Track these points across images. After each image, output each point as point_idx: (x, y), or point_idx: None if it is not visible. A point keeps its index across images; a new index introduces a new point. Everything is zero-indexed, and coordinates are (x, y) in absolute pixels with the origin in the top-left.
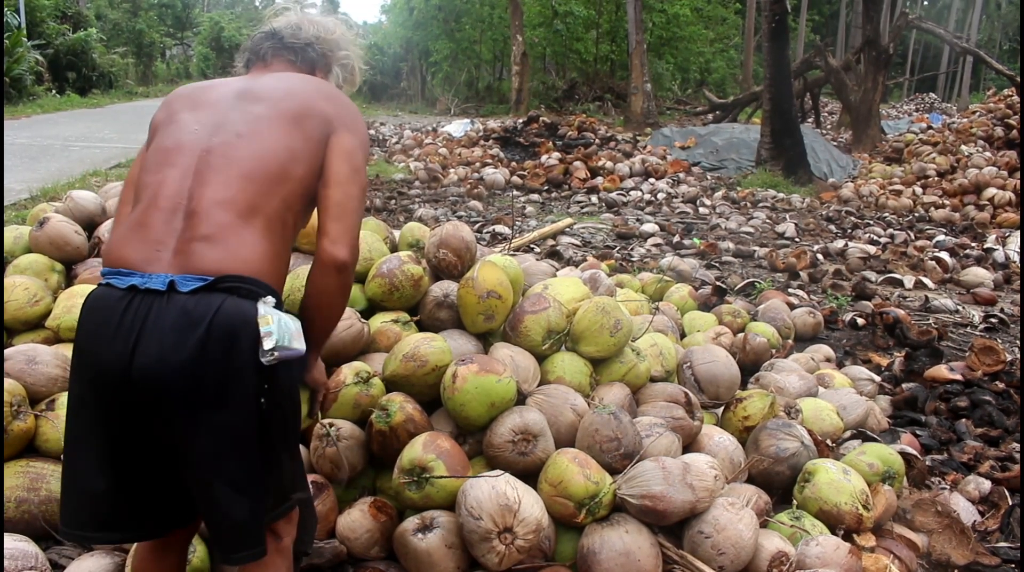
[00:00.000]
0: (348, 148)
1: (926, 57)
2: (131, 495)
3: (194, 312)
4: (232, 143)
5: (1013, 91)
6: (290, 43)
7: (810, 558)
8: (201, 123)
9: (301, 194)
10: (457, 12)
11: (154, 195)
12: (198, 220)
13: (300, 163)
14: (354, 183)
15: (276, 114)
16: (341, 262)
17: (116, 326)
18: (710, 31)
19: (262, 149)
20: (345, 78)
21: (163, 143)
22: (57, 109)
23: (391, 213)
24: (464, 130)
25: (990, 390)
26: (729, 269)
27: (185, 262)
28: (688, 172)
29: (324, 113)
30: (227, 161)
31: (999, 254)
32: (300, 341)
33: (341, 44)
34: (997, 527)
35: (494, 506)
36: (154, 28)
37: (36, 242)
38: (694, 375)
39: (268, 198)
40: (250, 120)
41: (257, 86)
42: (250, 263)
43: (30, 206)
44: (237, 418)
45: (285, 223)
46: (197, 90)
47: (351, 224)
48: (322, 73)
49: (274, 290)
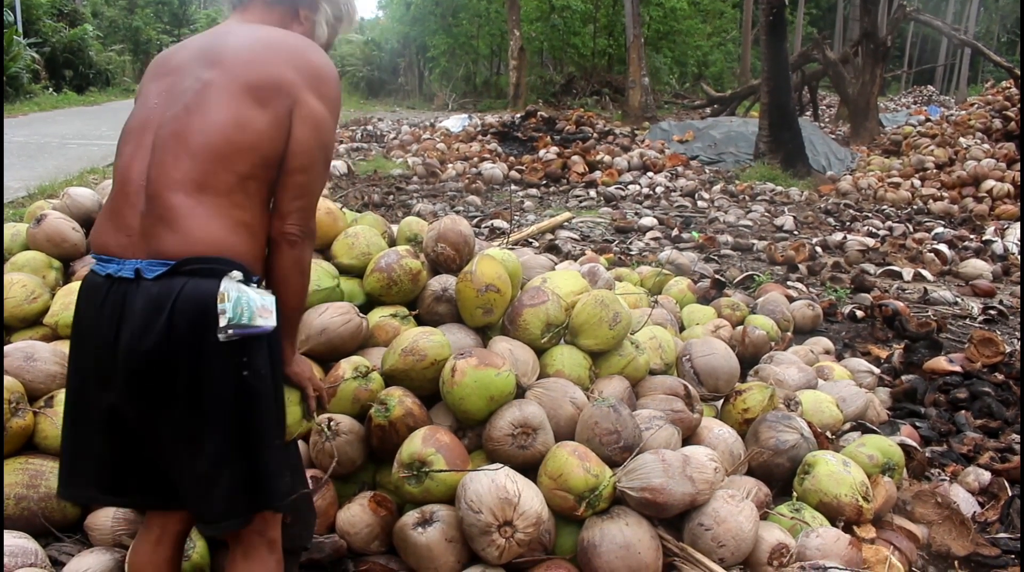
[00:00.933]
0: (313, 120)
1: (924, 50)
2: (132, 463)
3: (158, 298)
4: (180, 118)
5: (1011, 83)
6: None
7: (810, 550)
8: (159, 94)
9: (261, 164)
10: (454, 7)
11: (122, 179)
12: (156, 203)
13: (250, 132)
14: (318, 162)
15: (228, 82)
16: (292, 237)
17: (99, 312)
18: (707, 25)
19: (206, 123)
20: (336, 16)
21: (129, 121)
22: (54, 107)
23: (389, 208)
24: (462, 125)
25: (989, 381)
26: (728, 262)
27: (150, 247)
28: (686, 166)
29: (282, 79)
30: (176, 138)
31: (998, 246)
32: (266, 318)
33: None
34: (997, 518)
35: (494, 500)
36: (151, 25)
37: (34, 239)
38: (693, 368)
39: (219, 173)
40: (199, 90)
41: (219, 46)
42: (209, 242)
43: (27, 204)
44: (213, 396)
45: (247, 193)
46: (169, 53)
47: (307, 203)
48: (305, 11)
49: (240, 263)
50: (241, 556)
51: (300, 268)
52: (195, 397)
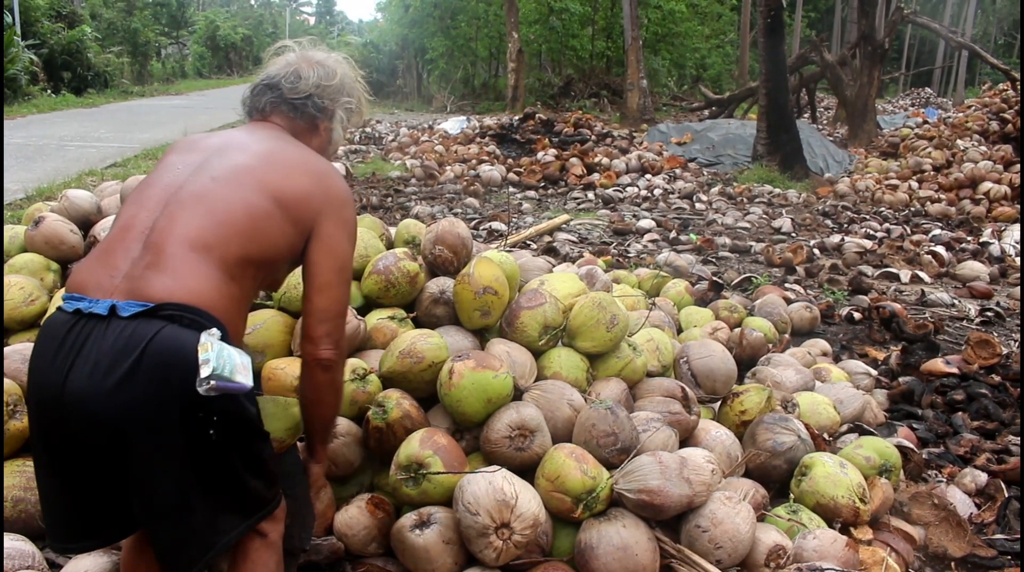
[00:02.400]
0: (333, 242)
1: (921, 52)
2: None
3: (131, 338)
4: (206, 185)
5: (1008, 85)
6: (289, 97)
7: (807, 551)
8: (185, 164)
9: (269, 258)
10: (453, 9)
11: (123, 226)
12: (154, 250)
13: (272, 227)
14: (339, 285)
15: (257, 173)
16: (326, 362)
17: (56, 349)
18: (706, 27)
19: (233, 197)
20: (349, 119)
21: (146, 180)
22: (52, 109)
23: (387, 210)
24: (460, 127)
25: (986, 383)
26: (725, 264)
27: (132, 288)
28: (684, 168)
29: (307, 192)
30: (196, 200)
31: (995, 248)
32: (244, 376)
33: (343, 89)
34: (993, 519)
35: (491, 502)
36: (149, 27)
37: (32, 241)
38: (691, 370)
39: (228, 243)
40: (229, 167)
41: (255, 143)
42: (197, 294)
43: (26, 206)
44: (166, 445)
45: (244, 273)
46: (198, 137)
47: (335, 326)
48: (324, 123)
49: (221, 324)
50: (241, 557)
51: (335, 389)
52: (147, 445)
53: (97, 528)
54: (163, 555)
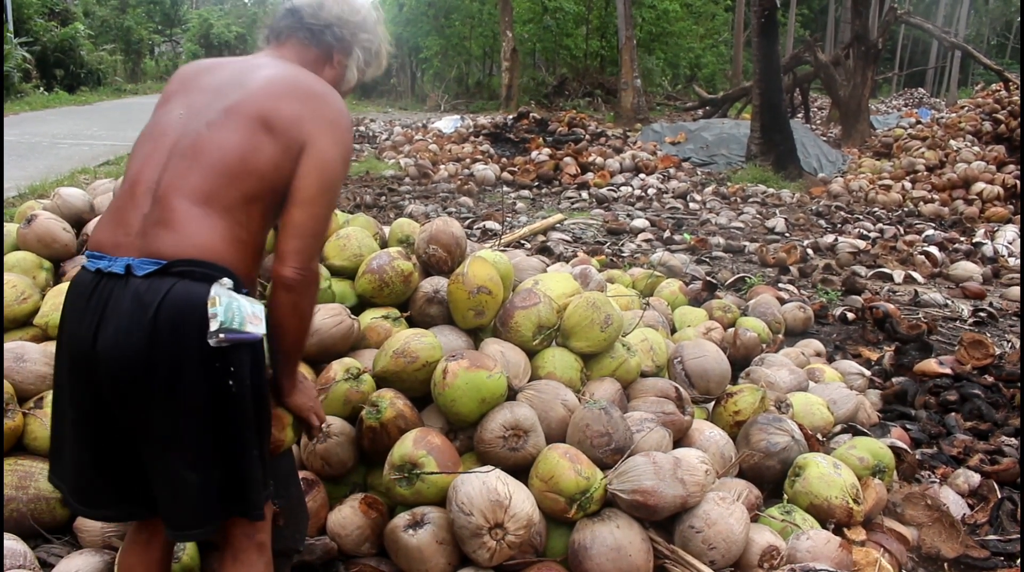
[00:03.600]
0: (321, 161)
1: (915, 52)
2: (109, 471)
3: (145, 296)
4: (201, 132)
5: (1001, 86)
6: (308, 23)
7: (801, 552)
8: (185, 107)
9: (268, 189)
10: (447, 8)
11: (132, 181)
12: (161, 206)
13: (263, 159)
14: (320, 203)
15: (250, 110)
16: (288, 280)
17: (84, 308)
18: (700, 27)
19: (225, 140)
20: (367, 61)
21: (149, 127)
22: (45, 106)
23: (381, 209)
24: (454, 126)
25: (979, 384)
26: (719, 264)
27: (145, 246)
28: (678, 167)
29: (297, 116)
30: (193, 150)
31: (988, 248)
32: (256, 325)
33: (365, 26)
34: (986, 520)
35: (485, 502)
36: (142, 25)
37: (24, 240)
38: (685, 370)
39: (226, 189)
40: (222, 110)
41: (250, 75)
42: (205, 247)
43: (18, 204)
44: (189, 400)
45: (250, 214)
46: (199, 70)
47: (305, 245)
48: (339, 55)
49: (232, 272)
50: (230, 559)
51: (298, 312)
52: (171, 400)
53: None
54: (171, 509)
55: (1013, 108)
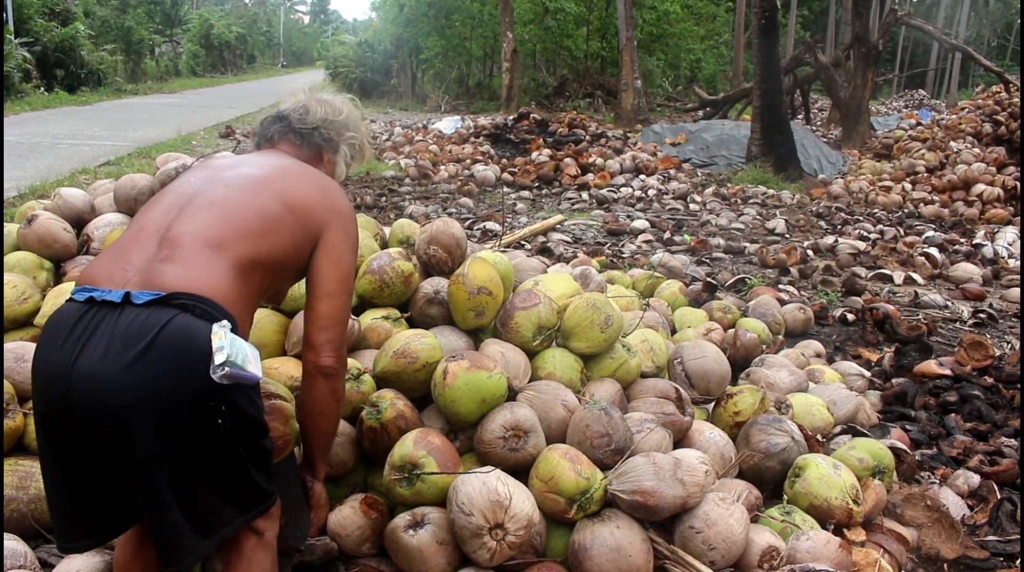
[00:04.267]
0: (338, 253)
1: (915, 53)
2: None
3: (144, 324)
4: (219, 191)
5: (1001, 88)
6: (297, 127)
7: (801, 552)
8: (199, 178)
9: (278, 259)
10: (447, 9)
11: (138, 228)
12: (168, 245)
13: (283, 230)
14: (341, 294)
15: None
16: (327, 370)
17: (67, 335)
18: (700, 28)
19: (246, 201)
20: (353, 155)
21: (161, 192)
22: (45, 106)
23: (381, 210)
24: (454, 127)
25: (979, 385)
26: (719, 265)
27: (146, 279)
28: (678, 168)
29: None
30: (210, 203)
31: (988, 250)
32: (255, 366)
33: (348, 124)
34: (986, 521)
35: (485, 502)
36: (143, 25)
37: (24, 240)
38: (685, 371)
39: (240, 242)
40: (242, 177)
41: (264, 161)
42: (210, 286)
43: (18, 204)
44: (174, 434)
45: (253, 274)
46: (209, 158)
47: (337, 334)
48: (329, 154)
49: (231, 316)
50: (236, 556)
51: (336, 397)
52: (155, 432)
53: (97, 523)
54: (160, 543)
55: (1013, 110)
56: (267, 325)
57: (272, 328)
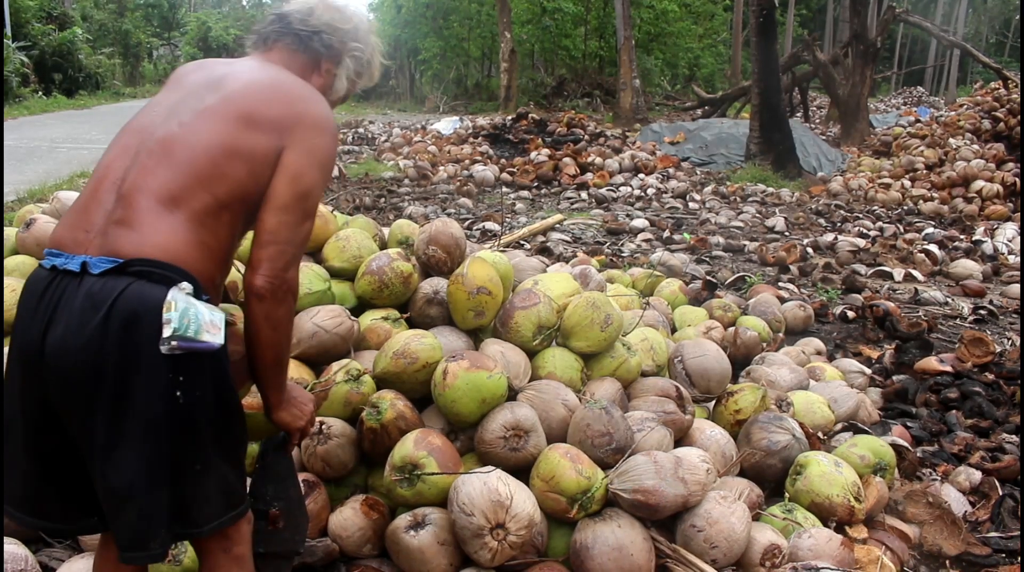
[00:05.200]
0: (299, 166)
1: (913, 51)
2: (56, 482)
3: (98, 295)
4: (173, 132)
5: (1000, 84)
6: (296, 28)
7: (803, 550)
8: (162, 106)
9: (240, 196)
10: (445, 9)
11: (99, 177)
12: (124, 204)
13: (239, 164)
14: (295, 210)
15: (224, 109)
16: (259, 289)
17: (35, 307)
18: (698, 27)
19: (197, 142)
20: (358, 71)
21: (127, 123)
22: (44, 110)
23: (380, 211)
24: (453, 128)
25: (980, 381)
26: (719, 263)
27: (104, 244)
28: (677, 167)
29: (278, 119)
30: (163, 149)
31: (988, 246)
32: (214, 334)
33: (356, 35)
34: (988, 517)
35: (486, 502)
36: (140, 29)
37: (23, 244)
38: (685, 369)
39: (194, 192)
40: (198, 110)
41: (230, 76)
42: (166, 250)
43: (17, 208)
44: (137, 410)
45: (219, 219)
46: (188, 69)
47: (279, 252)
48: (328, 64)
49: (193, 277)
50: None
51: (270, 323)
52: (116, 408)
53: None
54: (121, 529)
55: (1012, 106)
56: None
57: None
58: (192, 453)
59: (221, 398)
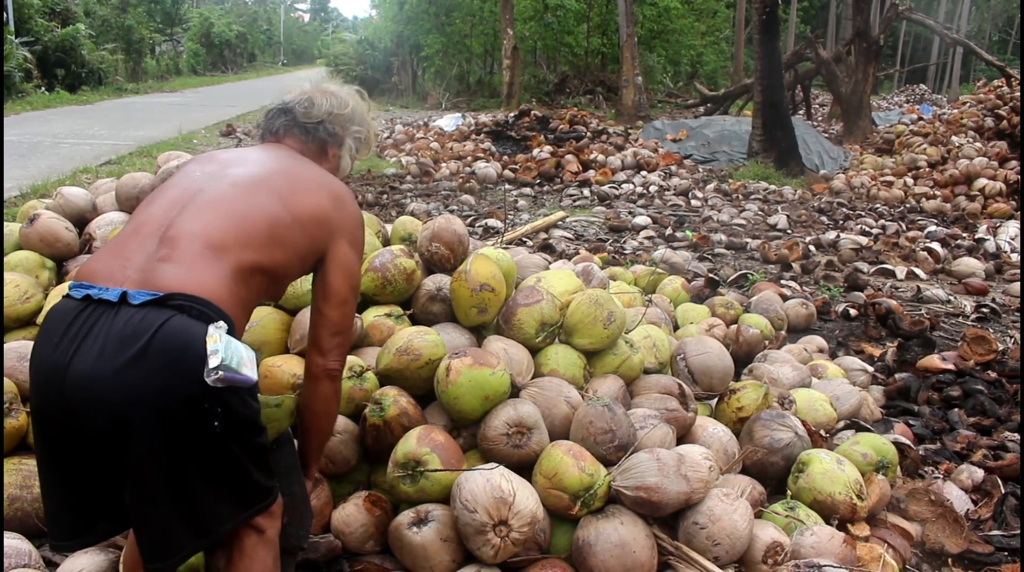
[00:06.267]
0: (349, 263)
1: (916, 48)
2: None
3: (139, 325)
4: (225, 190)
5: (1003, 82)
6: (302, 121)
7: (805, 548)
8: (203, 172)
9: (276, 270)
10: (447, 6)
11: (139, 223)
12: (170, 245)
13: (285, 249)
14: (351, 302)
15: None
16: (334, 373)
17: (63, 333)
18: (701, 24)
19: (253, 204)
20: (358, 148)
21: (164, 185)
22: (46, 106)
23: (383, 207)
24: (455, 124)
25: (982, 379)
26: (721, 261)
27: (145, 279)
28: (680, 165)
29: (324, 213)
30: (215, 202)
31: (990, 244)
32: (251, 369)
33: (354, 118)
34: (990, 515)
35: (489, 499)
36: (143, 24)
37: (26, 239)
38: (688, 367)
39: (244, 248)
40: (249, 176)
41: (273, 159)
42: (208, 288)
43: (20, 203)
44: (169, 435)
45: (253, 279)
46: (215, 152)
47: (346, 339)
48: (334, 149)
49: (229, 318)
50: (237, 554)
51: (339, 398)
52: (150, 435)
53: (90, 523)
54: (147, 542)
55: (1015, 104)
56: (269, 323)
57: (275, 326)
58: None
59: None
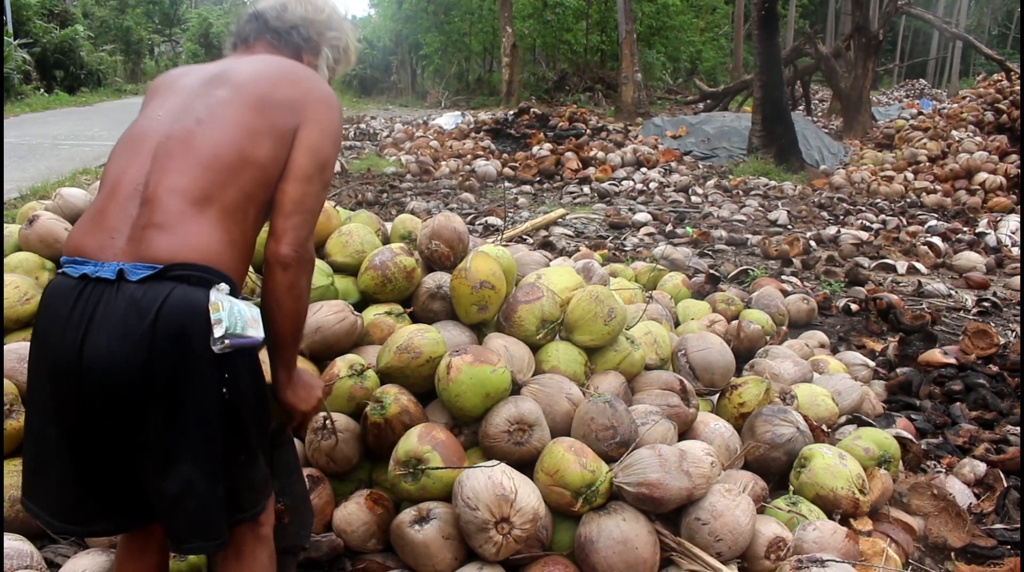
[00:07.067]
0: (317, 139)
1: (916, 43)
2: (93, 487)
3: (142, 302)
4: (191, 130)
5: (1003, 76)
6: (274, 26)
7: (807, 543)
8: (166, 109)
9: (263, 182)
10: (446, 4)
11: (113, 183)
12: (152, 207)
13: (261, 148)
14: (315, 180)
15: (238, 98)
16: (286, 259)
17: (67, 317)
18: (700, 20)
19: (220, 135)
20: (336, 59)
21: (129, 131)
22: (45, 108)
23: (383, 206)
24: (455, 123)
25: (984, 373)
26: (722, 257)
27: (137, 250)
28: (680, 161)
29: (290, 100)
30: (185, 148)
31: (991, 238)
32: (256, 329)
33: (330, 24)
34: (992, 509)
35: (490, 496)
36: (142, 25)
37: (26, 240)
38: (689, 362)
39: (224, 187)
40: (212, 105)
41: (227, 70)
42: (203, 251)
43: (19, 205)
44: (191, 410)
45: (246, 213)
46: (174, 75)
47: (300, 222)
48: (309, 56)
49: (229, 277)
50: (233, 553)
51: (295, 293)
52: (173, 410)
53: (97, 511)
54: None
55: (1015, 98)
56: None
57: None
58: (239, 445)
59: (258, 390)
